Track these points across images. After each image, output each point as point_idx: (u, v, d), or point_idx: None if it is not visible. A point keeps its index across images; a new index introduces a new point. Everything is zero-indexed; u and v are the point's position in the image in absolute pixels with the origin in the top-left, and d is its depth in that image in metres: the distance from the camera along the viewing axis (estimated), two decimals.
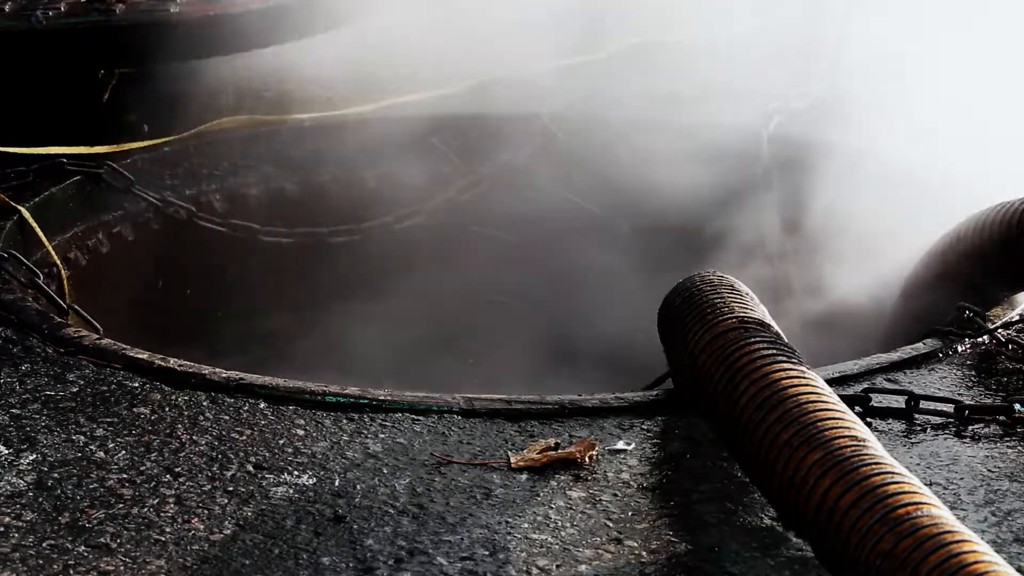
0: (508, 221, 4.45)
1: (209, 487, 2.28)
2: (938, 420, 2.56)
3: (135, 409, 2.53)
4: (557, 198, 4.43)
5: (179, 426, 2.47)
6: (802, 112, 4.49)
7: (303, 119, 4.35)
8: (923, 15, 4.56)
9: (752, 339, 2.25)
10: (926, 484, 1.91)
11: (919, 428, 2.54)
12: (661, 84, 4.51)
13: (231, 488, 2.28)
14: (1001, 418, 2.56)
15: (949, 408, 2.57)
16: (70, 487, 2.26)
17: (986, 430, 2.53)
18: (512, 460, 2.37)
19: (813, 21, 4.99)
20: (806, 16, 5.00)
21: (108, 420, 2.49)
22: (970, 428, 2.54)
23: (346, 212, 4.31)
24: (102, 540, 2.12)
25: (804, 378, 2.13)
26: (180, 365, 2.69)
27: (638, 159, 4.19)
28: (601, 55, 4.92)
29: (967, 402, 2.58)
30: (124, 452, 2.38)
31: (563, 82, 4.58)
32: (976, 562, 1.69)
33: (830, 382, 2.36)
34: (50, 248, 3.56)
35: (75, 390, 2.60)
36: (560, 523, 2.19)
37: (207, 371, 2.66)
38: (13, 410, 2.51)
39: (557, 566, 2.08)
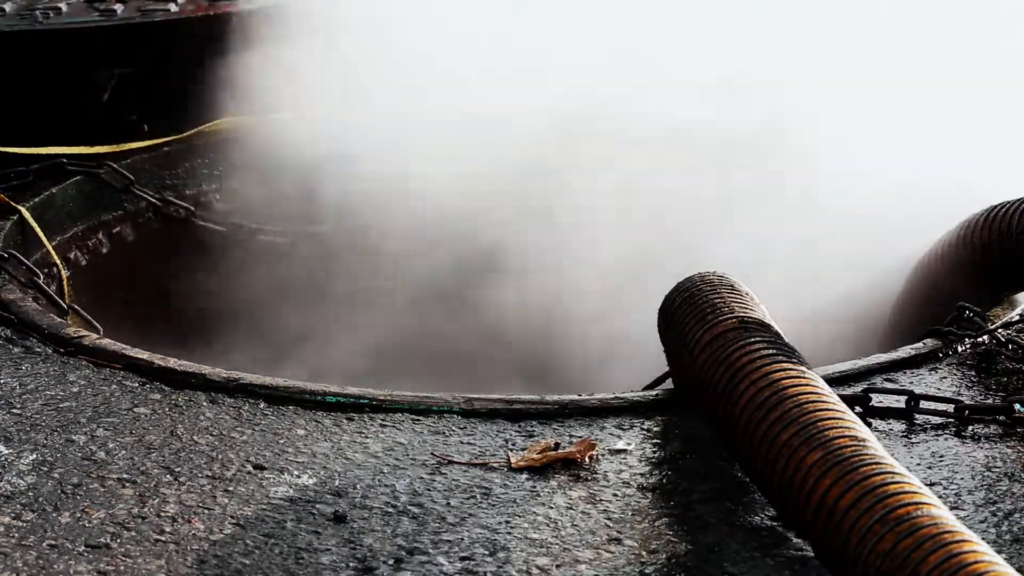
0: None
1: (209, 487, 2.28)
2: (938, 420, 2.56)
3: (135, 409, 2.53)
4: None
5: (179, 426, 2.47)
6: None
7: (302, 119, 4.34)
8: None
9: (752, 339, 2.25)
10: (926, 484, 1.91)
11: (919, 428, 2.54)
12: None
13: (231, 488, 2.28)
14: (1001, 418, 2.55)
15: (949, 408, 2.57)
16: (70, 487, 2.26)
17: (986, 430, 2.53)
18: (512, 460, 2.37)
19: None
20: None
21: (108, 420, 2.49)
22: (970, 428, 2.53)
23: (345, 211, 4.31)
24: (102, 540, 2.12)
25: (804, 378, 2.13)
26: (180, 365, 2.69)
27: None
28: None
29: (967, 402, 2.58)
30: (124, 452, 2.38)
31: None
32: (976, 562, 1.69)
33: (830, 382, 2.35)
34: (50, 248, 3.57)
35: (75, 390, 2.60)
36: (560, 523, 2.19)
37: (207, 371, 2.66)
38: (13, 410, 2.51)
39: (557, 566, 2.08)
